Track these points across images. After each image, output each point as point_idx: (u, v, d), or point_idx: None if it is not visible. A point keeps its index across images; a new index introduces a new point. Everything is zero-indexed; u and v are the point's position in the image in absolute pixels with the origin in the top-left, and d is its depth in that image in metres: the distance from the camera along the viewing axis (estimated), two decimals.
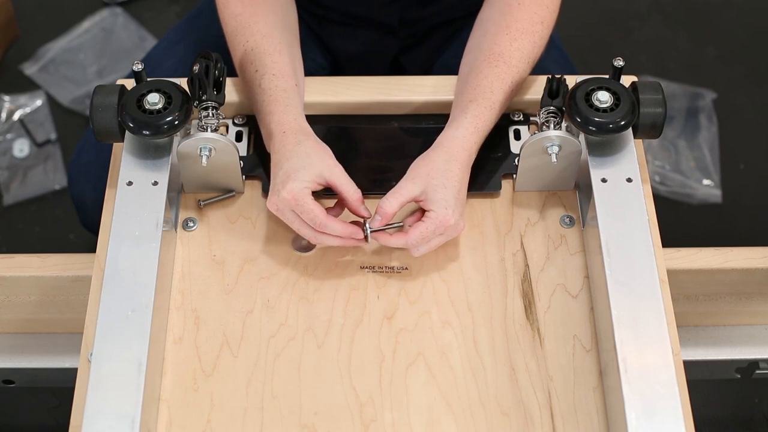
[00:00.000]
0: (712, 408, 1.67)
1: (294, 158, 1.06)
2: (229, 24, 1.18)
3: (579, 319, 1.07)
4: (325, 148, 1.08)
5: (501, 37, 1.14)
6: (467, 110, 1.10)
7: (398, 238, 1.06)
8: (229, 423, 1.01)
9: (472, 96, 1.11)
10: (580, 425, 1.00)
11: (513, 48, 1.13)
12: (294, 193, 1.04)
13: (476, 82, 1.11)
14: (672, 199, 2.01)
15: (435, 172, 1.06)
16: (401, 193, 1.06)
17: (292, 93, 1.12)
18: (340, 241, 1.07)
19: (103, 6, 2.27)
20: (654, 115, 1.08)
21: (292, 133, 1.08)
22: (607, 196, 1.05)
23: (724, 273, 1.18)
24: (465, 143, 1.08)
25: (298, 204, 1.04)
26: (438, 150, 1.08)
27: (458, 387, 1.03)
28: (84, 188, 1.35)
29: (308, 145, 1.07)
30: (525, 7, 1.15)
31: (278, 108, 1.10)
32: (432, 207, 1.05)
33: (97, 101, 1.07)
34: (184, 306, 1.08)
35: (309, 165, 1.05)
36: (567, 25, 1.51)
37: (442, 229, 1.05)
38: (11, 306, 1.22)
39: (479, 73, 1.12)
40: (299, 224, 1.06)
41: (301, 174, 1.05)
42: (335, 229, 1.05)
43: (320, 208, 1.05)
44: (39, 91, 2.15)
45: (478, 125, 1.09)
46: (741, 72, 2.20)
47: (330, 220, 1.05)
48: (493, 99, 1.10)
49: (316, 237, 1.07)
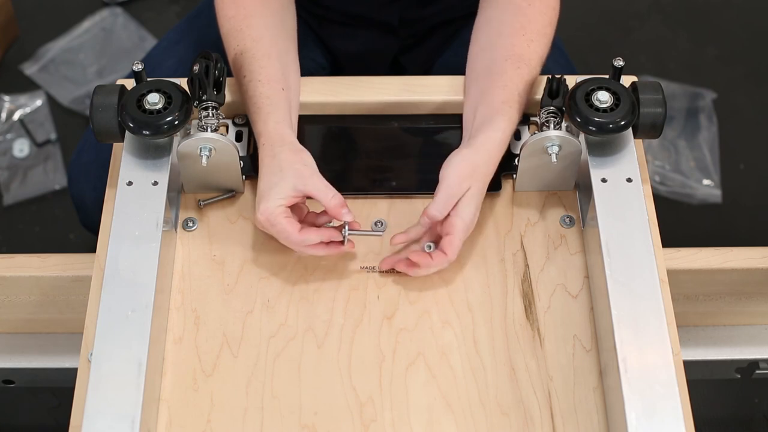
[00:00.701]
0: (712, 408, 1.67)
1: (268, 175, 1.06)
2: (223, 26, 1.18)
3: (579, 319, 1.07)
4: (301, 157, 1.07)
5: (518, 38, 1.13)
6: (502, 112, 1.09)
7: (440, 259, 1.05)
8: (229, 423, 1.01)
9: (503, 97, 1.10)
10: (580, 425, 1.00)
11: (531, 50, 1.13)
12: (267, 214, 1.05)
13: (503, 83, 1.11)
14: (672, 199, 2.01)
15: (477, 175, 1.06)
16: (449, 199, 1.05)
17: (276, 99, 1.11)
18: (325, 251, 1.07)
19: (103, 6, 2.27)
20: (654, 115, 1.08)
21: (269, 145, 1.08)
22: (607, 196, 1.05)
23: (724, 273, 1.18)
24: (502, 146, 1.08)
25: (272, 225, 1.05)
26: (481, 152, 1.07)
27: (458, 387, 1.03)
28: (84, 188, 1.35)
29: (282, 157, 1.06)
30: (536, 8, 1.15)
31: (260, 116, 1.10)
32: (461, 215, 1.05)
33: (97, 101, 1.07)
34: (184, 306, 1.08)
35: (281, 180, 1.05)
36: (567, 25, 1.51)
37: (467, 233, 1.06)
38: (11, 306, 1.22)
39: (504, 74, 1.11)
40: (282, 241, 1.07)
41: (273, 192, 1.05)
42: (311, 239, 1.05)
43: (294, 227, 1.05)
44: (39, 91, 2.15)
45: (512, 128, 1.09)
46: (741, 72, 2.20)
47: (305, 234, 1.05)
48: (521, 101, 1.10)
49: (300, 251, 1.08)
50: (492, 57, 1.14)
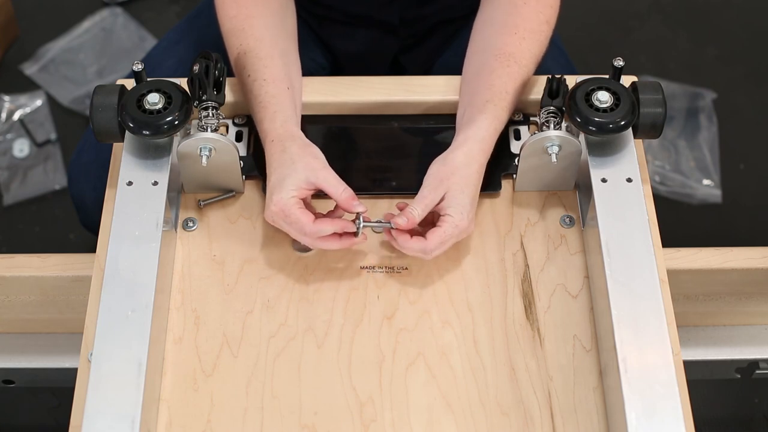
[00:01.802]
0: (712, 408, 1.67)
1: (279, 168, 1.06)
2: (225, 26, 1.18)
3: (579, 319, 1.07)
4: (311, 150, 1.07)
5: (510, 37, 1.13)
6: (485, 110, 1.09)
7: (417, 243, 1.06)
8: (229, 423, 1.01)
9: (488, 96, 1.10)
10: (580, 425, 1.00)
11: (523, 48, 1.13)
12: (281, 205, 1.04)
13: (490, 81, 1.11)
14: (672, 199, 2.01)
15: (456, 176, 1.06)
16: (425, 201, 1.06)
17: (282, 98, 1.11)
18: (338, 245, 1.07)
19: (103, 6, 2.27)
20: (654, 115, 1.08)
21: (278, 141, 1.08)
22: (607, 196, 1.05)
23: (724, 273, 1.18)
24: (484, 145, 1.08)
25: (285, 215, 1.05)
26: (458, 152, 1.07)
27: (458, 387, 1.03)
28: (84, 188, 1.35)
29: (293, 151, 1.07)
30: (531, 7, 1.15)
31: (267, 115, 1.10)
32: (449, 212, 1.05)
33: (97, 101, 1.07)
34: (184, 306, 1.08)
35: (293, 172, 1.05)
36: (567, 25, 1.51)
37: (457, 233, 1.06)
38: (11, 306, 1.22)
39: (492, 73, 1.11)
40: (295, 233, 1.06)
41: (286, 183, 1.05)
42: (326, 229, 1.05)
43: (308, 217, 1.04)
44: (39, 91, 2.15)
45: (496, 126, 1.09)
46: (741, 72, 2.20)
47: (319, 224, 1.05)
48: (509, 100, 1.10)
49: (313, 243, 1.07)
50: (484, 56, 1.14)
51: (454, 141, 1.09)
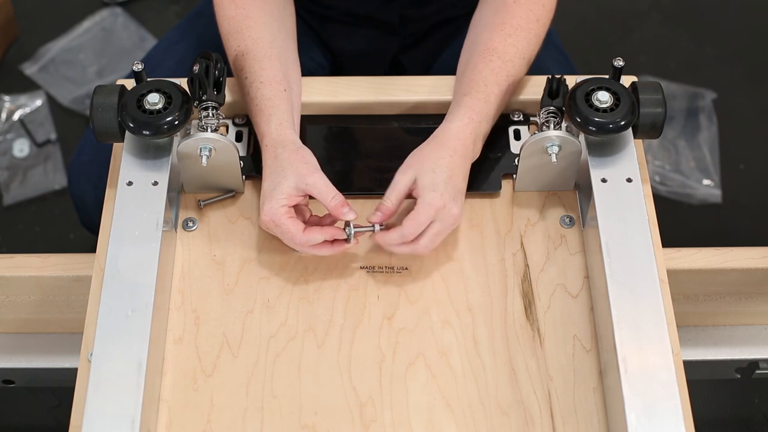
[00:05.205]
0: (712, 408, 1.67)
1: (271, 176, 1.07)
2: (223, 27, 1.18)
3: (579, 319, 1.07)
4: (302, 156, 1.07)
5: (496, 33, 1.14)
6: (461, 103, 1.10)
7: (395, 232, 1.06)
8: (229, 423, 1.01)
9: (466, 90, 1.11)
10: (580, 425, 1.00)
11: (507, 43, 1.13)
12: (270, 215, 1.05)
13: (471, 76, 1.12)
14: (672, 199, 2.01)
15: (424, 159, 1.06)
16: (396, 187, 1.07)
17: (278, 100, 1.11)
18: (330, 251, 1.07)
19: (103, 6, 2.27)
20: (654, 115, 1.08)
21: (271, 146, 1.08)
22: (607, 196, 1.05)
23: (724, 273, 1.18)
24: (459, 133, 1.08)
25: (276, 225, 1.05)
26: (429, 141, 1.09)
27: (458, 387, 1.03)
28: (84, 188, 1.35)
29: (284, 157, 1.07)
30: (521, 5, 1.15)
31: (262, 118, 1.10)
32: (420, 193, 1.05)
33: (97, 101, 1.07)
34: (184, 306, 1.08)
35: (283, 180, 1.05)
36: (566, 24, 1.51)
37: (432, 213, 1.04)
38: (11, 306, 1.22)
39: (473, 68, 1.12)
40: (286, 241, 1.07)
41: (276, 193, 1.05)
42: (316, 238, 1.05)
43: (298, 226, 1.05)
44: (39, 91, 2.15)
45: (472, 116, 1.09)
46: (741, 72, 2.20)
47: (309, 234, 1.05)
48: (488, 91, 1.10)
49: (304, 251, 1.08)
50: (469, 54, 1.15)
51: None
